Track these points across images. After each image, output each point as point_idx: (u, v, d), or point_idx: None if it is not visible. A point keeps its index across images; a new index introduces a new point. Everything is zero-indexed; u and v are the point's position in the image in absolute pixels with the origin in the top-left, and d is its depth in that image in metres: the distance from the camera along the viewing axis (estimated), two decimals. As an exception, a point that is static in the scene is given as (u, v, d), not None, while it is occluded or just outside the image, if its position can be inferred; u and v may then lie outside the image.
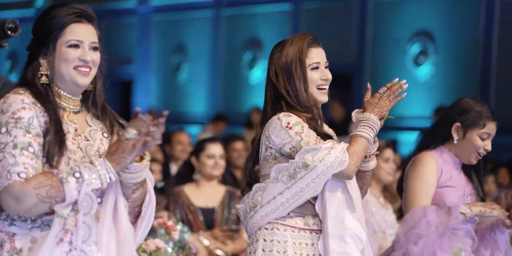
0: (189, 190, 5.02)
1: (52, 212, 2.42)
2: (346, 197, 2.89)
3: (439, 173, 3.39)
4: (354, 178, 2.95)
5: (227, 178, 5.36)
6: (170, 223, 4.10)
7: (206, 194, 5.00)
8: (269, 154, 2.95)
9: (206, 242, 4.70)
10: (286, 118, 2.91)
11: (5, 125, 2.44)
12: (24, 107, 2.47)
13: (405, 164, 7.83)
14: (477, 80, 11.52)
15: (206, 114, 14.78)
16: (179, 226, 4.43)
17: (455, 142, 3.40)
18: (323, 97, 3.04)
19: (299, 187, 2.83)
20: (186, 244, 4.45)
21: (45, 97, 2.54)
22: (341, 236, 2.84)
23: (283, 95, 2.98)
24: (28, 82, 2.58)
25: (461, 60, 11.67)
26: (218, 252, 4.70)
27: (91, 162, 2.44)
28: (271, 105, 3.01)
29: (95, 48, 2.61)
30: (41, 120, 2.49)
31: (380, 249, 4.51)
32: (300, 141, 2.87)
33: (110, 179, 2.45)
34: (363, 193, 3.06)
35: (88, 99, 2.66)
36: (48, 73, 2.57)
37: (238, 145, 6.54)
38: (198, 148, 5.12)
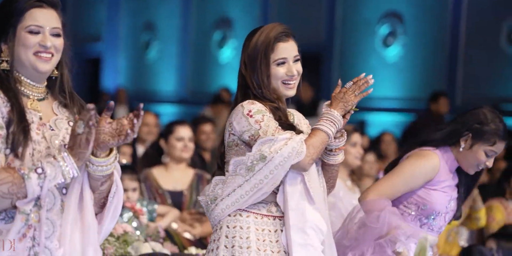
0: (157, 172, 5.01)
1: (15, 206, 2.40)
2: (306, 189, 2.90)
3: (434, 174, 3.40)
4: (315, 170, 2.95)
5: (196, 161, 5.36)
6: (138, 206, 4.09)
7: (174, 177, 5.00)
8: (232, 140, 2.95)
9: (175, 225, 4.71)
10: (248, 106, 2.92)
11: None
12: None
13: (374, 145, 7.91)
14: (445, 61, 11.60)
15: (176, 93, 14.73)
16: (144, 208, 4.41)
17: (461, 150, 3.41)
18: (289, 92, 3.02)
19: (258, 179, 2.83)
20: (154, 211, 4.48)
21: (7, 84, 2.48)
22: (302, 228, 2.85)
23: (249, 86, 2.99)
24: None
25: (430, 41, 11.74)
26: (186, 235, 4.71)
27: (54, 157, 2.40)
28: (241, 92, 3.02)
29: (57, 35, 2.54)
30: (3, 110, 2.44)
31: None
32: (259, 129, 2.87)
33: (73, 174, 2.42)
34: (330, 187, 3.07)
35: (54, 86, 2.60)
36: (8, 59, 2.51)
37: (207, 127, 6.52)
38: (167, 130, 5.11)
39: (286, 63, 2.99)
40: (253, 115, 2.89)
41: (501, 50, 11.04)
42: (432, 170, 3.40)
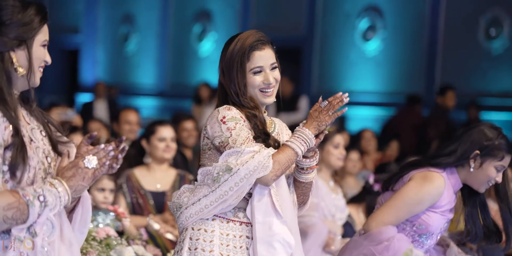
0: (139, 173, 4.99)
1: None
2: (273, 203, 2.88)
3: (438, 198, 3.42)
4: (285, 183, 2.94)
5: (178, 160, 5.34)
6: (121, 210, 4.08)
7: (156, 177, 4.98)
8: (206, 144, 2.96)
9: (157, 226, 4.70)
10: (224, 112, 2.91)
11: None
12: None
13: (354, 141, 7.91)
14: (424, 56, 11.64)
15: (155, 86, 14.67)
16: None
17: (471, 170, 3.43)
18: (267, 99, 3.00)
19: (223, 190, 2.82)
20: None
21: (6, 97, 2.44)
22: (269, 241, 2.85)
23: (227, 93, 2.99)
24: None
25: (409, 36, 11.78)
26: (169, 235, 4.70)
27: (51, 184, 2.39)
28: (221, 99, 3.02)
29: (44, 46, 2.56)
30: (1, 127, 2.41)
31: (329, 233, 4.57)
32: (229, 137, 2.87)
33: (66, 203, 2.42)
34: (301, 202, 3.05)
35: (22, 94, 2.57)
36: (21, 66, 2.49)
37: (188, 124, 6.50)
38: (149, 131, 5.08)
39: (263, 72, 2.98)
40: (226, 121, 2.90)
41: (479, 44, 11.10)
42: (437, 195, 3.41)
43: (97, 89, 12.38)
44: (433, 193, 3.40)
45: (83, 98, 14.72)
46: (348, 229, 4.77)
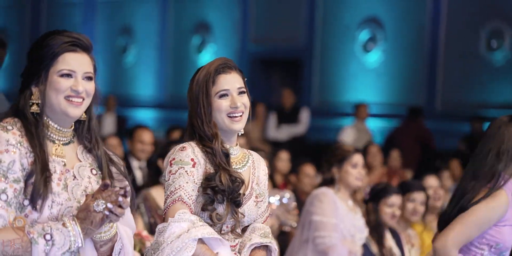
0: (156, 193, 4.97)
1: None
2: None
3: (505, 212, 3.43)
4: (227, 243, 2.86)
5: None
6: (144, 233, 4.06)
7: (173, 197, 4.96)
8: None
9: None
10: (176, 153, 2.86)
11: None
12: (8, 149, 2.38)
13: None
14: (425, 67, 11.68)
15: (154, 97, 14.65)
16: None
17: None
18: (235, 125, 2.92)
19: None
20: None
21: (34, 131, 2.45)
22: None
23: (193, 124, 2.92)
24: (19, 112, 2.50)
25: (409, 47, 11.81)
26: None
27: (63, 224, 2.37)
28: (188, 130, 2.96)
29: (89, 78, 2.53)
30: (24, 162, 2.41)
31: (349, 254, 4.56)
32: (167, 181, 2.85)
33: (78, 245, 2.39)
34: None
35: (81, 130, 2.58)
36: (39, 102, 2.49)
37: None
38: (164, 150, 5.05)
39: (229, 95, 2.91)
40: (173, 164, 2.85)
41: (480, 56, 11.14)
42: (504, 209, 3.42)
43: (107, 103, 12.36)
44: (499, 208, 3.40)
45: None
46: (365, 250, 4.76)
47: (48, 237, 2.33)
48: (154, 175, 5.06)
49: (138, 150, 6.53)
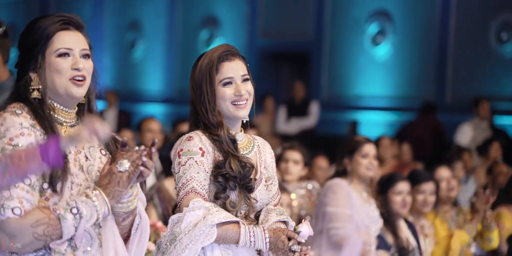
0: (169, 184, 4.98)
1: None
2: None
3: None
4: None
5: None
6: (159, 224, 4.05)
7: (186, 188, 4.96)
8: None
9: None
10: (183, 144, 2.84)
11: (1, 152, 2.30)
12: (23, 132, 2.34)
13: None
14: (435, 60, 11.63)
15: (163, 92, 14.65)
16: None
17: None
18: (240, 112, 2.89)
19: None
20: None
21: (42, 114, 2.42)
22: None
23: (198, 112, 2.90)
24: (22, 97, 2.45)
25: (419, 40, 11.76)
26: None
27: (86, 195, 2.35)
28: (193, 118, 2.94)
29: (86, 56, 2.49)
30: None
31: (364, 245, 4.55)
32: (177, 173, 2.83)
33: (105, 213, 2.38)
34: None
35: (83, 113, 2.55)
36: (40, 87, 2.44)
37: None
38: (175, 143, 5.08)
39: (233, 83, 2.88)
40: (181, 155, 2.83)
41: (490, 48, 11.09)
42: None
43: (108, 98, 12.36)
44: None
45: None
46: (380, 241, 4.74)
47: (74, 210, 2.31)
48: (167, 167, 5.07)
49: (149, 139, 6.56)
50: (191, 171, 2.79)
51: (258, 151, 2.98)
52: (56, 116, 2.48)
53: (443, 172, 5.41)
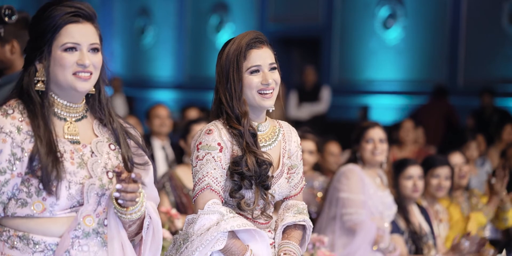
0: (181, 172, 4.96)
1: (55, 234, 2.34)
2: None
3: None
4: (262, 236, 2.81)
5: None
6: (173, 211, 4.04)
7: (198, 176, 4.95)
8: None
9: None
10: (202, 137, 2.79)
11: None
12: None
13: (393, 131, 7.87)
14: (446, 43, 11.54)
15: (173, 78, 14.63)
16: None
17: None
18: (265, 102, 2.82)
19: None
20: None
21: (39, 112, 2.35)
22: None
23: (222, 100, 2.83)
24: (23, 91, 2.38)
25: (430, 23, 11.67)
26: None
27: None
28: (215, 107, 2.88)
29: (95, 50, 2.41)
30: (17, 151, 2.32)
31: (378, 230, 4.53)
32: (194, 167, 2.80)
33: None
34: None
35: (93, 103, 2.48)
36: (44, 79, 2.37)
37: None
38: (185, 130, 5.06)
39: (261, 71, 2.83)
40: (199, 149, 2.79)
41: (502, 30, 10.99)
42: None
43: (114, 85, 12.36)
44: None
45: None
46: (394, 226, 4.72)
47: None
48: (179, 155, 5.06)
49: (157, 125, 6.56)
50: (208, 167, 2.77)
51: (283, 140, 2.93)
52: (58, 111, 2.42)
53: (456, 158, 5.35)
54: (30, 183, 2.33)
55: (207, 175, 2.76)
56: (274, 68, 2.86)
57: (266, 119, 2.93)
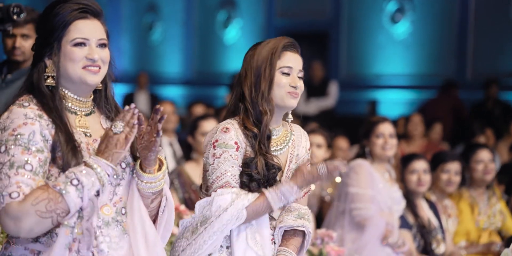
0: (189, 168, 4.98)
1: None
2: (249, 240, 2.84)
3: None
4: (266, 220, 2.87)
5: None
6: (182, 207, 4.05)
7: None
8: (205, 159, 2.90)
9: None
10: (219, 134, 2.82)
11: (5, 143, 2.31)
12: (26, 122, 2.33)
13: (401, 125, 7.85)
14: (455, 37, 11.52)
15: (181, 74, 14.64)
16: None
17: None
18: (291, 101, 2.88)
19: (198, 244, 2.77)
20: None
21: (52, 105, 2.40)
22: None
23: (245, 95, 2.87)
24: (34, 87, 2.44)
25: (438, 17, 11.64)
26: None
27: (85, 164, 2.32)
28: (233, 103, 2.92)
29: (103, 45, 2.48)
30: (46, 133, 2.36)
31: (387, 225, 4.53)
32: (211, 164, 2.82)
33: (109, 175, 2.36)
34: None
35: (99, 99, 2.54)
36: (54, 74, 2.44)
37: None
38: (193, 126, 5.08)
39: (291, 74, 2.88)
40: (216, 147, 2.81)
41: (511, 24, 10.96)
42: None
43: (139, 81, 12.37)
44: None
45: (109, 88, 14.73)
46: (402, 221, 4.73)
47: (75, 182, 2.29)
48: (187, 151, 5.08)
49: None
50: (226, 165, 2.80)
51: (292, 145, 2.97)
52: (69, 105, 2.48)
53: (483, 154, 5.21)
54: (50, 173, 2.37)
55: (225, 173, 2.80)
56: (301, 77, 2.92)
57: (281, 124, 2.97)
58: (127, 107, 2.37)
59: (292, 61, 2.88)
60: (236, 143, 2.81)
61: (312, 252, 4.26)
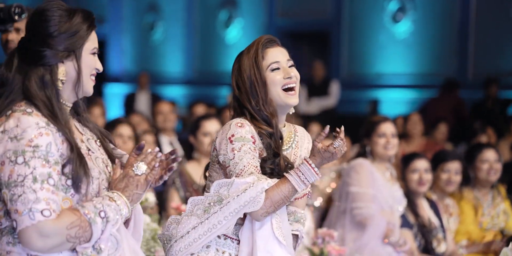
0: (191, 168, 4.99)
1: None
2: (275, 230, 2.81)
3: None
4: (284, 211, 2.84)
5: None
6: (183, 207, 4.07)
7: (208, 172, 4.97)
8: (214, 156, 2.87)
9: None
10: (234, 129, 2.80)
11: (21, 154, 2.29)
12: (41, 133, 2.32)
13: (401, 124, 7.85)
14: (456, 36, 11.52)
15: (182, 74, 14.65)
16: None
17: None
18: (291, 100, 2.87)
19: (212, 223, 2.74)
20: None
21: (58, 113, 2.40)
22: None
23: (247, 107, 2.86)
24: (36, 92, 2.41)
25: (440, 16, 11.64)
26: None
27: (110, 198, 2.37)
28: (237, 109, 2.91)
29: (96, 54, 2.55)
30: (57, 142, 2.36)
31: (388, 224, 4.54)
32: (231, 159, 2.78)
33: (125, 215, 2.41)
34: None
35: (75, 103, 2.55)
36: (64, 78, 2.45)
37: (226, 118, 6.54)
38: (194, 126, 5.09)
39: (281, 68, 2.88)
40: (234, 141, 2.79)
41: (512, 22, 10.97)
42: None
43: (140, 81, 12.38)
44: None
45: (111, 88, 14.74)
46: (403, 220, 4.73)
47: (102, 214, 2.33)
48: (188, 151, 5.09)
49: (161, 121, 6.67)
50: (247, 157, 2.78)
51: (296, 146, 2.96)
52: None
53: (489, 154, 5.18)
54: (66, 183, 2.39)
55: (248, 165, 2.77)
56: (292, 65, 2.91)
57: (285, 124, 2.97)
58: (149, 150, 2.41)
59: (275, 55, 2.88)
60: (252, 136, 2.81)
61: (313, 252, 4.27)
